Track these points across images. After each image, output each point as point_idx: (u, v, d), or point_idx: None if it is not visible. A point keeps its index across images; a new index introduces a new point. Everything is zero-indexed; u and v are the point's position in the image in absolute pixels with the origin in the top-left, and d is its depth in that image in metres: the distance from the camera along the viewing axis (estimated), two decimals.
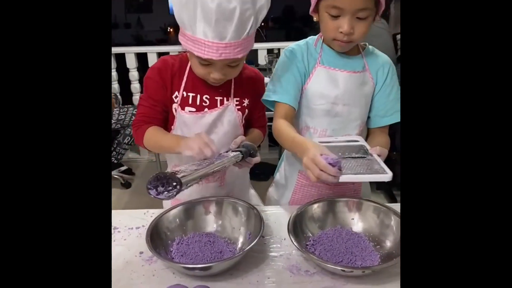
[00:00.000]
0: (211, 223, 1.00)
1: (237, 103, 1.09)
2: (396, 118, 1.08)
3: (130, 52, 3.05)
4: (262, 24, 1.01)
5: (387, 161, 0.90)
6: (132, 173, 3.04)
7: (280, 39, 4.95)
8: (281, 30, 6.35)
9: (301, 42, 1.10)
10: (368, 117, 1.11)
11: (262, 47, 3.07)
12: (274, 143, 3.30)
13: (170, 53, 2.87)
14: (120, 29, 6.30)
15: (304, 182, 1.17)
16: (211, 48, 0.89)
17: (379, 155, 0.91)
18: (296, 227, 0.93)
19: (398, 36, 2.61)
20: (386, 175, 0.82)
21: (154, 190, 0.80)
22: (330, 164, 0.80)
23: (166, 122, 1.09)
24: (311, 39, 1.09)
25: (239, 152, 0.99)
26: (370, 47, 1.11)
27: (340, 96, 1.04)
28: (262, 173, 2.68)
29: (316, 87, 1.05)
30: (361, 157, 0.91)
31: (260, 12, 0.92)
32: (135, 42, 5.13)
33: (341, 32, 0.94)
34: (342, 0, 0.90)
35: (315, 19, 1.02)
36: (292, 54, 1.06)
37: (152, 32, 5.92)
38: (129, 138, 2.72)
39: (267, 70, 2.78)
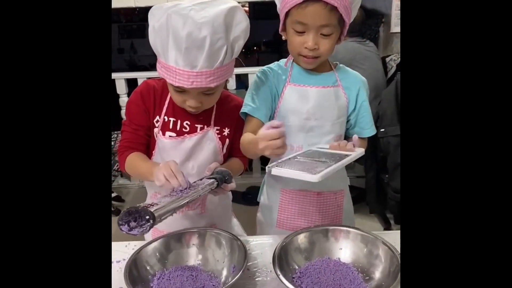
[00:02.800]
0: (193, 256, 0.97)
1: (217, 131, 1.08)
2: (370, 132, 1.12)
3: (120, 78, 3.04)
4: (255, 48, 1.02)
5: (379, 184, 0.89)
6: (121, 200, 2.98)
7: (273, 62, 4.97)
8: (274, 54, 6.40)
9: (273, 64, 1.13)
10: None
11: (253, 71, 3.06)
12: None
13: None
14: (114, 54, 6.35)
15: (286, 200, 1.16)
16: (182, 76, 0.89)
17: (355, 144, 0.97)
18: (282, 259, 0.89)
19: (388, 59, 2.64)
20: (314, 176, 0.79)
21: (126, 225, 0.77)
22: (273, 127, 0.80)
23: (149, 146, 1.07)
24: (282, 61, 1.12)
25: (213, 179, 0.95)
26: (341, 65, 1.14)
27: (311, 111, 1.05)
28: (254, 197, 2.64)
29: (287, 105, 1.06)
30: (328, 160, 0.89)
31: (236, 42, 0.92)
32: (128, 67, 5.16)
33: (306, 48, 0.97)
34: (305, 16, 0.94)
35: (283, 37, 1.05)
36: (264, 75, 1.09)
37: (145, 57, 5.98)
38: (119, 165, 2.69)
39: None
